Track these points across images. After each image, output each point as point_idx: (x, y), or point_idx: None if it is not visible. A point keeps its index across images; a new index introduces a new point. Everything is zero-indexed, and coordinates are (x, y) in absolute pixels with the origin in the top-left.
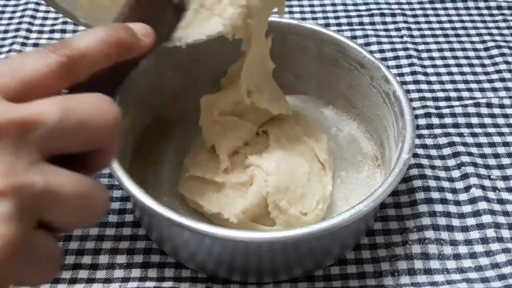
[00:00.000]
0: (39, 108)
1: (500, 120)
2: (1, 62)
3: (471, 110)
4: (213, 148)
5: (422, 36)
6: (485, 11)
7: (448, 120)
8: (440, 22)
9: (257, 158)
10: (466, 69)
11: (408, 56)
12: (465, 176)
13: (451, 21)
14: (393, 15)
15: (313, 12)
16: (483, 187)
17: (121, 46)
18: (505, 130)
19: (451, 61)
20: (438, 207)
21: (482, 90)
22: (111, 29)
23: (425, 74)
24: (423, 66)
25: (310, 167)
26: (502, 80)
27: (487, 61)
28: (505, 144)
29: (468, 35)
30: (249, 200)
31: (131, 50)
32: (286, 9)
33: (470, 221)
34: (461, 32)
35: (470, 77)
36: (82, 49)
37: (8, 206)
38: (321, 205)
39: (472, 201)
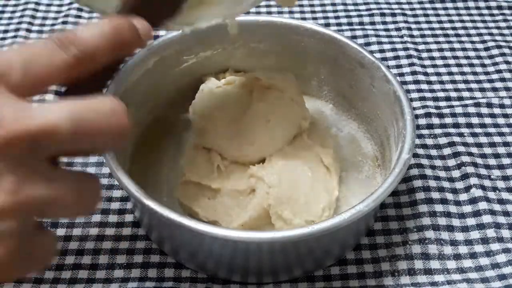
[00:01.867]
0: (52, 117)
1: (501, 120)
2: (11, 52)
3: (471, 110)
4: (208, 149)
5: (422, 36)
6: (485, 11)
7: (448, 120)
8: (440, 22)
9: (259, 170)
10: (466, 69)
11: (408, 56)
12: (465, 176)
13: (451, 21)
14: (393, 15)
15: (313, 12)
16: (483, 187)
17: (124, 45)
18: (505, 130)
19: (451, 61)
20: (438, 207)
21: (482, 90)
22: (117, 26)
23: (425, 74)
24: (423, 66)
25: (314, 173)
26: (502, 80)
27: (487, 61)
28: (505, 144)
29: (468, 35)
30: (248, 213)
31: (132, 48)
32: (286, 9)
33: (470, 221)
34: (461, 32)
35: (470, 77)
36: (89, 49)
37: (10, 223)
38: (327, 211)
39: (472, 201)
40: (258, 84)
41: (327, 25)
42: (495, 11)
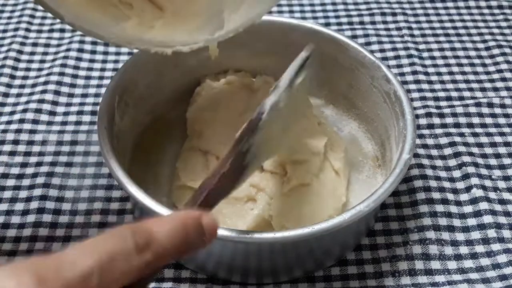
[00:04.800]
0: None
1: (501, 120)
2: (88, 255)
3: (472, 110)
4: (204, 151)
5: (423, 35)
6: (486, 11)
7: (449, 120)
8: (441, 21)
9: (261, 180)
10: (467, 69)
11: (409, 56)
12: (466, 176)
13: (452, 21)
14: (394, 14)
15: (313, 11)
16: (484, 187)
17: (189, 248)
18: (506, 130)
19: (452, 61)
20: (439, 208)
21: (483, 89)
22: (187, 227)
23: (426, 73)
24: (424, 66)
25: (321, 178)
26: (503, 79)
27: (488, 61)
28: (506, 144)
29: (469, 35)
30: (247, 223)
31: (194, 250)
32: (286, 8)
33: (471, 222)
34: (462, 31)
35: (471, 77)
36: (161, 254)
37: None
38: None
39: (473, 201)
40: (266, 88)
41: (327, 24)
42: (496, 11)
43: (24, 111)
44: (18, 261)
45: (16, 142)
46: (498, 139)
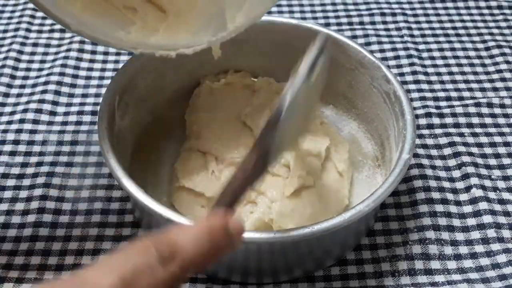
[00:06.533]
0: None
1: (501, 120)
2: (108, 272)
3: (472, 110)
4: (203, 152)
5: (423, 35)
6: (485, 11)
7: (448, 120)
8: (440, 21)
9: (261, 183)
10: (467, 69)
11: (409, 56)
12: (465, 176)
13: (451, 21)
14: (394, 14)
15: (313, 11)
16: (483, 187)
17: (216, 254)
18: (506, 130)
19: (452, 61)
20: (439, 207)
21: (482, 90)
22: (214, 233)
23: (426, 74)
24: (423, 66)
25: (324, 181)
26: (503, 80)
27: (487, 61)
28: (506, 144)
29: (469, 35)
30: (246, 227)
31: (221, 256)
32: (286, 9)
33: (471, 221)
34: (461, 31)
35: (471, 77)
36: (187, 263)
37: None
38: None
39: (473, 201)
40: (266, 88)
41: (327, 25)
42: (496, 11)
43: (25, 111)
44: None
45: (16, 142)
46: (497, 139)
